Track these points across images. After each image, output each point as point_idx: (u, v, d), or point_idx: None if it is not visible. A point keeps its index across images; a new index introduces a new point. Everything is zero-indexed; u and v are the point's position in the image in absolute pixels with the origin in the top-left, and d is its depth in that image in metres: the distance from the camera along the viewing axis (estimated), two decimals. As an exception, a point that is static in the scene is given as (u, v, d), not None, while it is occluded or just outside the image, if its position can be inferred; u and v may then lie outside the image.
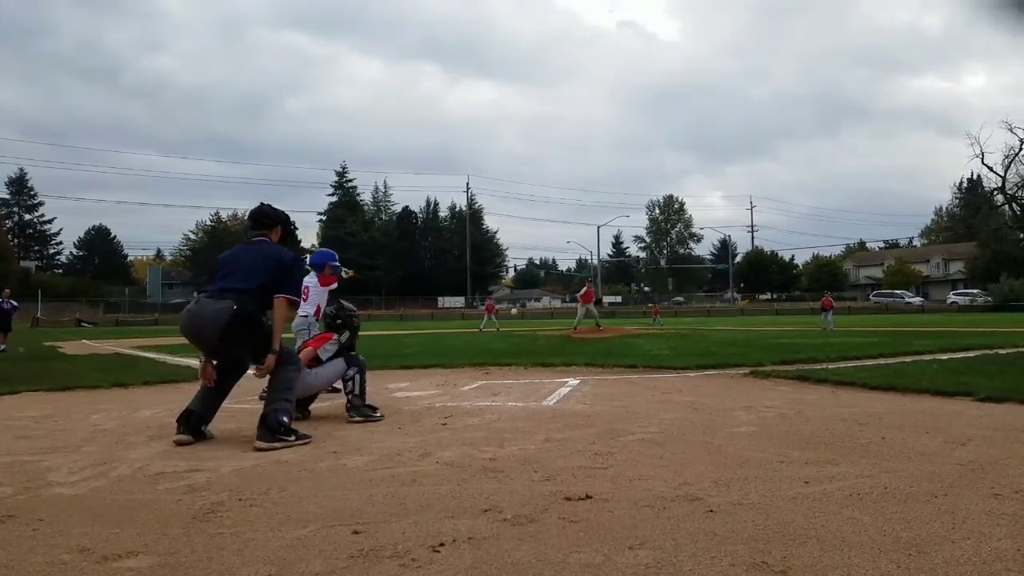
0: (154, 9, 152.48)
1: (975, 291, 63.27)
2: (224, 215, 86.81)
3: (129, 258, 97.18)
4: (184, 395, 7.30)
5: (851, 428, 4.55)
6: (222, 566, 2.27)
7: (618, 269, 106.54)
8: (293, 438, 4.39)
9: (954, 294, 66.55)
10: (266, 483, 3.37)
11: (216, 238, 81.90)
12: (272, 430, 4.37)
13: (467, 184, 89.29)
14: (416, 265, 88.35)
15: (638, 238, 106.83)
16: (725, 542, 2.41)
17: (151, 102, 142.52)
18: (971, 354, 9.99)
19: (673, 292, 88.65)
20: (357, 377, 5.51)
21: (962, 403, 5.50)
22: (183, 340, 5.10)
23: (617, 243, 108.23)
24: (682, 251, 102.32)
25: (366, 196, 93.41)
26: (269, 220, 5.07)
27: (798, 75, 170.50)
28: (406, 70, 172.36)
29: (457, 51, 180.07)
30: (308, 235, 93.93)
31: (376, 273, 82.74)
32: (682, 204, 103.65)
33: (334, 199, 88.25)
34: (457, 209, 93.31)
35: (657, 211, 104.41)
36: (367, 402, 5.48)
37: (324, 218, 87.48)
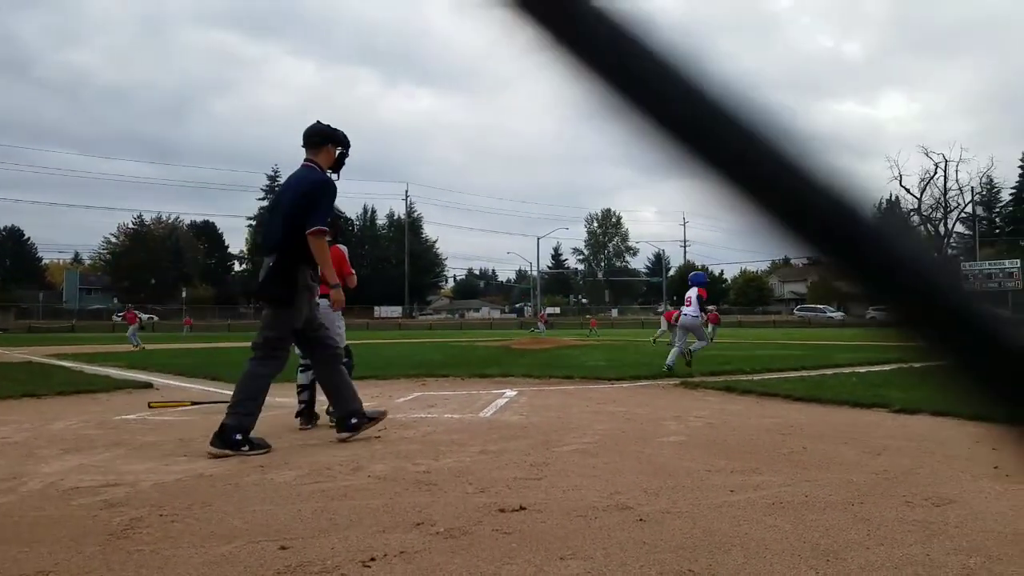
0: (69, 1, 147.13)
1: (876, 306, 66.17)
2: (148, 218, 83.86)
3: (44, 261, 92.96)
4: (102, 406, 7.03)
5: (775, 438, 4.70)
6: (141, 585, 2.19)
7: (557, 281, 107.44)
8: (247, 448, 4.25)
9: (873, 309, 69.44)
10: (189, 498, 3.26)
11: (139, 242, 79.06)
12: (223, 443, 4.24)
13: (406, 192, 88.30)
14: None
15: (577, 250, 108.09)
16: (654, 550, 2.46)
17: (68, 98, 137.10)
18: (888, 367, 10.44)
19: (610, 304, 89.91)
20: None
21: (878, 414, 5.74)
22: (102, 348, 4.92)
23: (556, 255, 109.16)
24: (619, 264, 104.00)
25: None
26: (318, 139, 4.79)
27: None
28: (340, 75, 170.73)
29: (393, 57, 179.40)
30: (236, 239, 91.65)
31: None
32: (619, 218, 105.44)
33: (265, 203, 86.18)
34: (395, 217, 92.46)
35: (595, 224, 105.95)
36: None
37: (253, 223, 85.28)
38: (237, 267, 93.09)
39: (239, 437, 4.27)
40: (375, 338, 33.46)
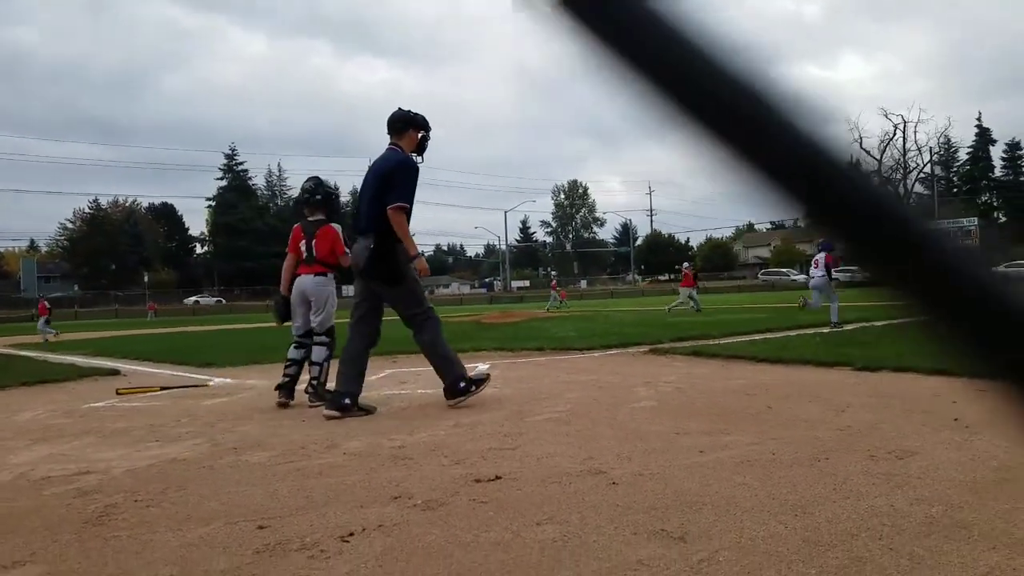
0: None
1: (854, 268, 67.64)
2: (104, 202, 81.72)
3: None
4: (68, 394, 6.93)
5: (741, 399, 4.81)
6: (119, 570, 2.19)
7: (526, 254, 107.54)
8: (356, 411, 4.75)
9: (836, 271, 70.95)
10: (163, 483, 3.25)
11: (97, 226, 77.10)
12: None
13: (367, 167, 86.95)
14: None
15: (544, 223, 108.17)
16: (627, 512, 2.52)
17: (7, 77, 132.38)
18: (849, 327, 10.70)
19: (579, 276, 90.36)
20: (326, 365, 5.53)
21: (841, 373, 5.89)
22: (67, 336, 4.89)
23: (524, 228, 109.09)
24: (587, 235, 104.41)
25: (259, 180, 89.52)
26: (400, 124, 5.05)
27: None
28: (292, 46, 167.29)
29: (345, 27, 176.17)
30: (196, 221, 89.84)
31: (273, 262, 79.99)
32: (586, 189, 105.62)
33: (223, 183, 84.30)
34: (358, 194, 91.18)
35: (562, 196, 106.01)
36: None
37: (213, 204, 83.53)
38: (199, 249, 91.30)
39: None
40: (342, 317, 33.25)
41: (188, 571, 2.16)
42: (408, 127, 5.05)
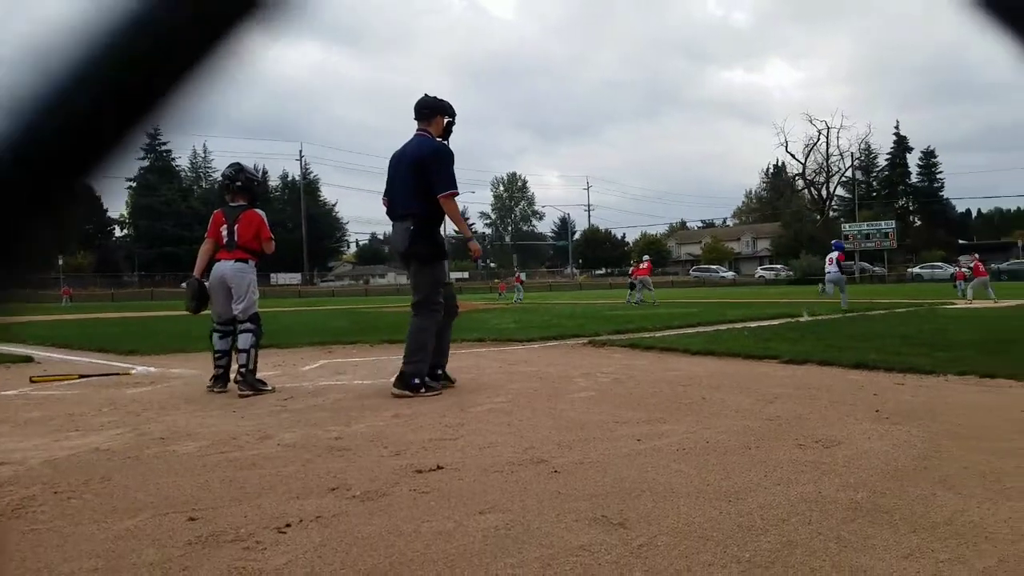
0: None
1: (779, 266, 69.98)
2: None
3: None
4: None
5: (676, 390, 4.91)
6: (39, 564, 2.07)
7: (464, 245, 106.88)
8: (424, 390, 4.90)
9: (761, 269, 73.22)
10: (85, 474, 3.10)
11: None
12: (406, 385, 4.89)
13: (300, 152, 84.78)
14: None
15: (484, 214, 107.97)
16: (568, 499, 2.53)
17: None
18: (776, 322, 11.08)
19: (518, 268, 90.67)
20: (253, 351, 5.43)
21: (769, 365, 6.08)
22: None
23: (463, 216, 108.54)
24: (525, 228, 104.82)
25: (183, 161, 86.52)
26: (428, 111, 5.22)
27: (622, 61, 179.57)
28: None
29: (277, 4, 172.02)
30: (115, 203, 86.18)
31: (196, 247, 77.17)
32: (525, 182, 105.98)
33: (145, 163, 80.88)
34: (290, 179, 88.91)
35: (501, 188, 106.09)
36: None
37: (134, 184, 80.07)
38: (118, 232, 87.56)
39: (416, 381, 4.93)
40: (274, 306, 32.49)
41: (114, 564, 2.06)
42: (436, 113, 5.23)
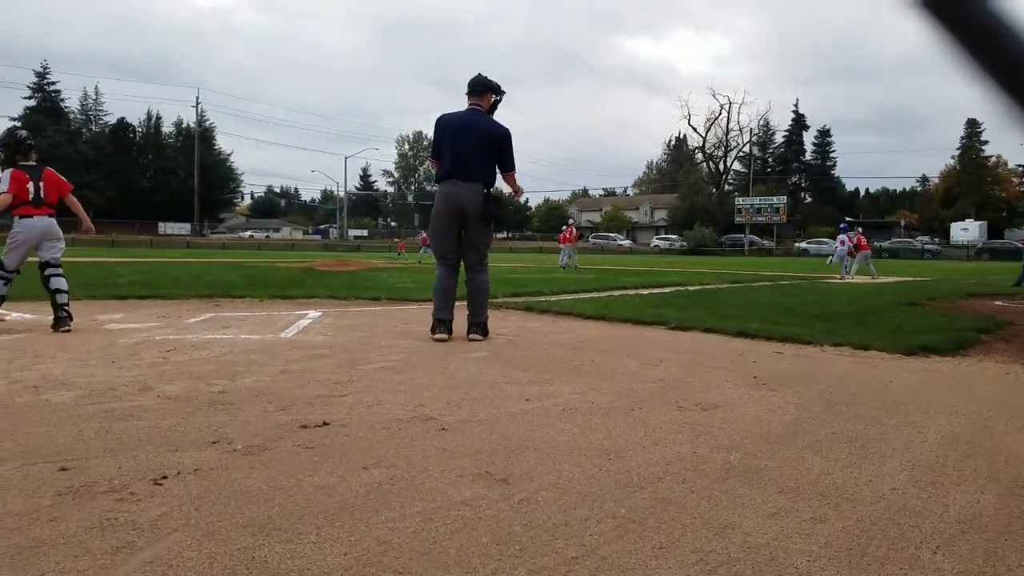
0: None
1: (674, 237, 72.41)
2: None
3: None
4: None
5: (567, 352, 5.05)
6: None
7: (365, 203, 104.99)
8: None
9: (657, 238, 75.58)
10: (-56, 424, 2.91)
11: None
12: (485, 332, 5.66)
13: (196, 99, 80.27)
14: (133, 185, 78.97)
15: (386, 172, 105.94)
16: (454, 456, 2.59)
17: None
18: (666, 290, 11.50)
19: (420, 228, 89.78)
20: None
21: (657, 331, 6.33)
22: None
23: (365, 176, 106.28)
24: (429, 187, 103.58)
25: (72, 103, 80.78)
26: (482, 88, 5.80)
27: (528, 22, 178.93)
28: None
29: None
30: (-8, 143, 79.34)
31: (84, 192, 72.59)
32: (431, 140, 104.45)
33: (32, 103, 75.23)
34: (184, 126, 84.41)
35: (406, 146, 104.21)
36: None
37: (19, 125, 74.25)
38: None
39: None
40: (160, 256, 30.94)
41: (-28, 518, 1.96)
42: (487, 91, 5.82)
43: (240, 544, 1.82)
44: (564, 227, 25.10)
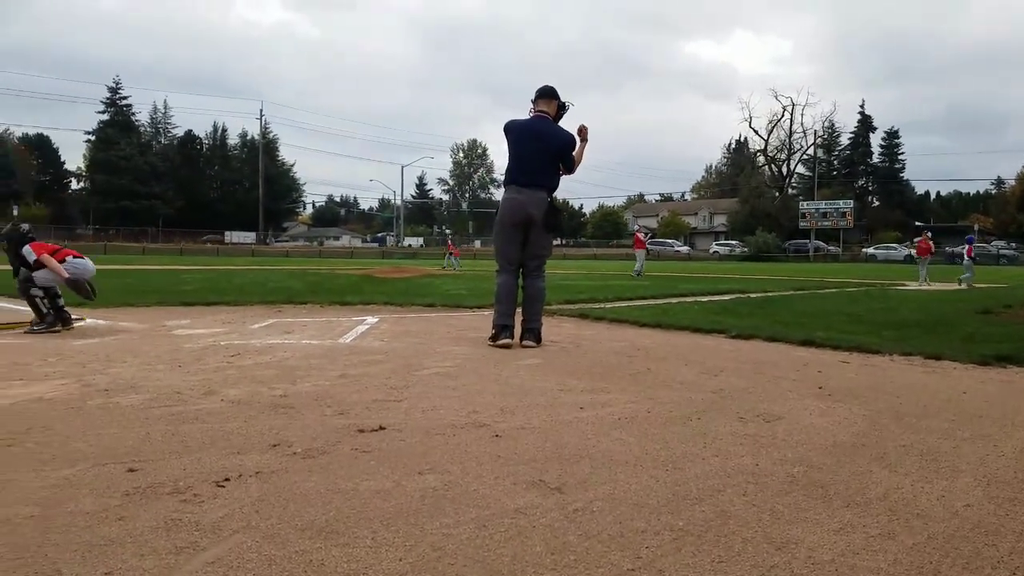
0: None
1: (734, 242, 70.99)
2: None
3: None
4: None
5: (622, 360, 4.99)
6: (-28, 511, 2.05)
7: (421, 210, 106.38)
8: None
9: (716, 244, 74.24)
10: (26, 422, 3.05)
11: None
12: (538, 339, 5.68)
13: (260, 111, 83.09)
14: (201, 195, 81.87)
15: (442, 180, 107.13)
16: (508, 463, 2.58)
17: None
18: (727, 297, 11.29)
19: (474, 235, 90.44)
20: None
21: (717, 339, 6.20)
22: None
23: (421, 184, 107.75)
24: (483, 195, 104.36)
25: (143, 116, 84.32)
26: (551, 95, 5.91)
27: (584, 28, 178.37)
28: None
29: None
30: (73, 156, 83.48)
31: (153, 202, 75.69)
32: (485, 148, 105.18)
33: (105, 117, 78.74)
34: (249, 137, 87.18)
35: (461, 154, 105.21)
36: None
37: (93, 138, 77.95)
38: (75, 185, 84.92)
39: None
40: (226, 264, 31.91)
41: (50, 512, 2.04)
42: (555, 98, 5.90)
43: (298, 547, 1.85)
44: (642, 233, 25.22)
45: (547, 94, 5.90)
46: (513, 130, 5.82)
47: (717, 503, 2.21)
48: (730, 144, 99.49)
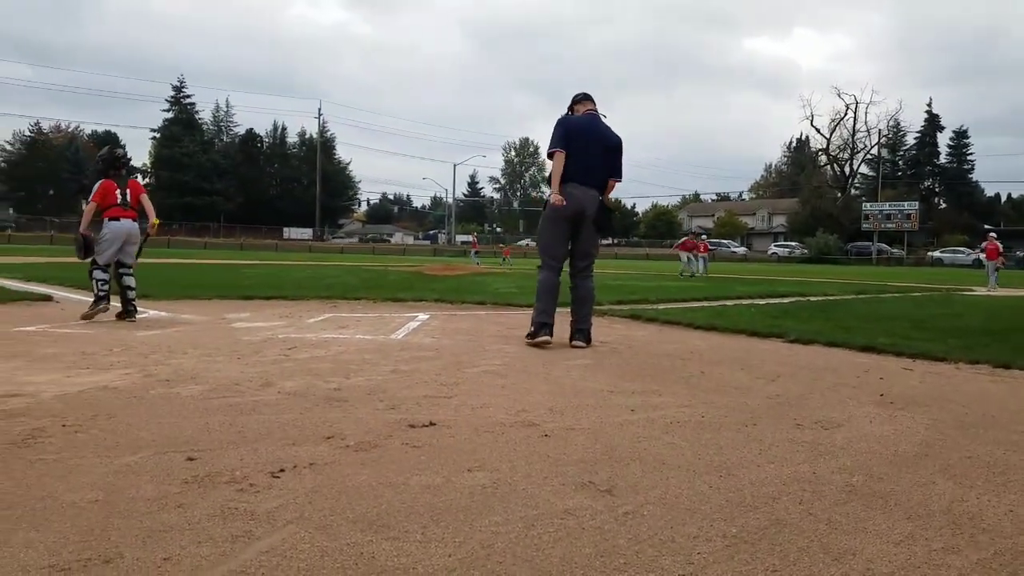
0: None
1: (794, 244, 69.32)
2: (46, 126, 77.84)
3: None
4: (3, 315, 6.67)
5: (675, 363, 4.92)
6: (44, 492, 2.14)
7: (472, 208, 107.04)
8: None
9: (775, 245, 72.59)
10: (92, 409, 3.17)
11: (37, 151, 73.46)
12: (589, 340, 5.61)
13: (319, 110, 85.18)
14: (260, 192, 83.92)
15: (493, 179, 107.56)
16: (557, 464, 2.57)
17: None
18: (785, 300, 11.02)
19: (524, 234, 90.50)
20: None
21: (774, 344, 6.06)
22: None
23: (472, 183, 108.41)
24: (535, 194, 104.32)
25: (206, 115, 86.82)
26: (589, 99, 5.92)
27: (638, 25, 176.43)
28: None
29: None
30: (139, 152, 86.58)
31: (214, 198, 77.87)
32: (536, 147, 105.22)
33: (169, 115, 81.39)
34: (307, 136, 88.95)
35: (512, 153, 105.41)
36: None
37: (158, 135, 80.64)
38: (141, 180, 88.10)
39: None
40: (284, 259, 32.66)
41: (113, 497, 2.12)
42: (594, 102, 5.90)
43: (349, 539, 1.87)
44: (699, 237, 25.40)
45: (588, 98, 5.90)
46: (572, 127, 5.67)
47: (772, 511, 2.16)
48: (790, 143, 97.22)
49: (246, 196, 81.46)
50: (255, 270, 18.23)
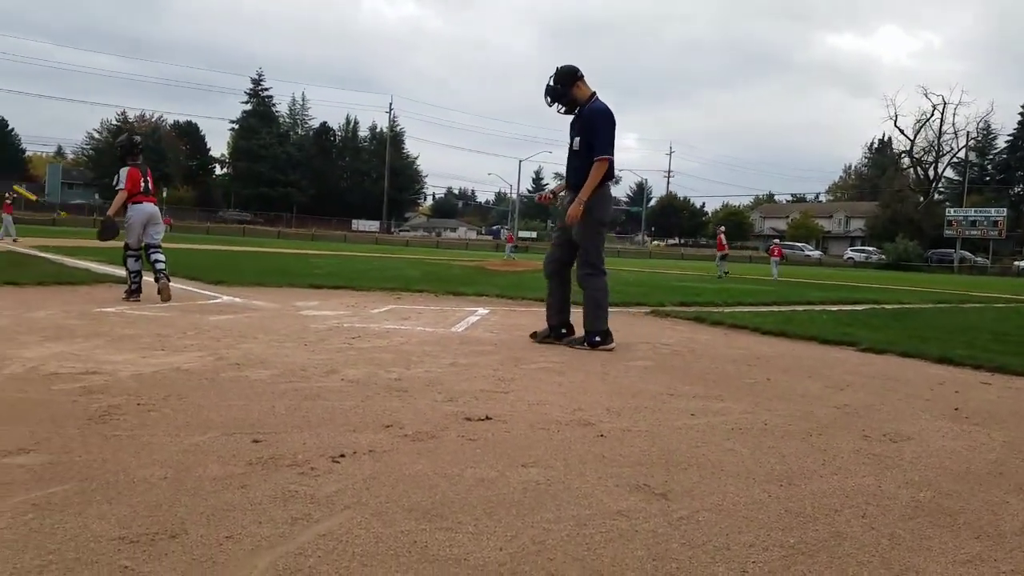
0: None
1: (871, 249, 66.83)
2: (131, 115, 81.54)
3: (27, 153, 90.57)
4: (82, 298, 7.04)
5: (740, 368, 4.82)
6: (117, 467, 2.25)
7: (536, 205, 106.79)
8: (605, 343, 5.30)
9: (851, 250, 70.14)
10: (165, 390, 3.32)
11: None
12: (591, 345, 5.29)
13: (390, 105, 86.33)
14: (332, 184, 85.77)
15: (558, 175, 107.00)
16: (612, 464, 2.55)
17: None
18: (859, 307, 10.65)
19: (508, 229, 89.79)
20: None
21: (845, 352, 5.85)
22: (83, 242, 5.12)
23: (537, 178, 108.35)
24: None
25: (282, 108, 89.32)
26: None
27: (714, 20, 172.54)
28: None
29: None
30: (218, 143, 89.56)
31: (288, 190, 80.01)
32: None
33: (248, 107, 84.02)
34: (378, 130, 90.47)
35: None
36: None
37: (236, 127, 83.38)
38: (219, 171, 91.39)
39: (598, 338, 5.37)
40: (352, 250, 33.34)
41: (181, 475, 2.21)
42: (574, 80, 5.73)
43: (404, 527, 1.91)
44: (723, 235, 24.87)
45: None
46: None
47: (833, 523, 2.10)
48: (872, 144, 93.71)
49: (318, 188, 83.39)
50: (324, 260, 18.69)
